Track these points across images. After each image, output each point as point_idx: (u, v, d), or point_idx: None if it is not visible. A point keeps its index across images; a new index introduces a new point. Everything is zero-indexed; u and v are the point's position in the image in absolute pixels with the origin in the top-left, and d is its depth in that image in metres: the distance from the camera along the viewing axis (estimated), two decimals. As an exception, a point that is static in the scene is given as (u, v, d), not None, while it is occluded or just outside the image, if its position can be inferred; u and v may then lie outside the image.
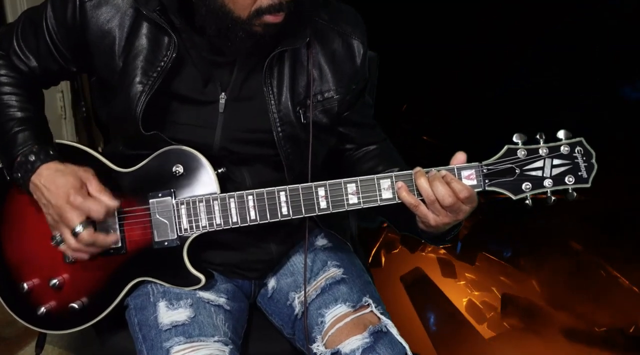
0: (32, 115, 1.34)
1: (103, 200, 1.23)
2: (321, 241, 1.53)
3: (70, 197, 1.21)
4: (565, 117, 2.28)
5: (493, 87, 2.53)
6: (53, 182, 1.23)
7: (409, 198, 1.19)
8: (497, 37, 2.46)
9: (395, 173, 1.22)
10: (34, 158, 1.26)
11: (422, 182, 1.18)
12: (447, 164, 1.21)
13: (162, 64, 1.25)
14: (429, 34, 2.56)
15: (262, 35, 1.21)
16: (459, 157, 1.20)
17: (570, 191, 1.17)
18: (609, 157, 1.30)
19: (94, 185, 1.25)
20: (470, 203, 1.18)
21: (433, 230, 1.24)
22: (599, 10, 2.25)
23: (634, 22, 2.20)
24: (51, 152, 1.29)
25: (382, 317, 1.35)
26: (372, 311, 1.36)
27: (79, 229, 1.21)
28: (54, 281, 1.34)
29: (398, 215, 1.29)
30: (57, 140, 1.39)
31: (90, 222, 1.24)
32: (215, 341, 1.27)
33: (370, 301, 1.37)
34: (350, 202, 1.23)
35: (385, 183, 1.22)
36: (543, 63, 2.40)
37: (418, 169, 1.21)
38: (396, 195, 1.21)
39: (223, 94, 1.32)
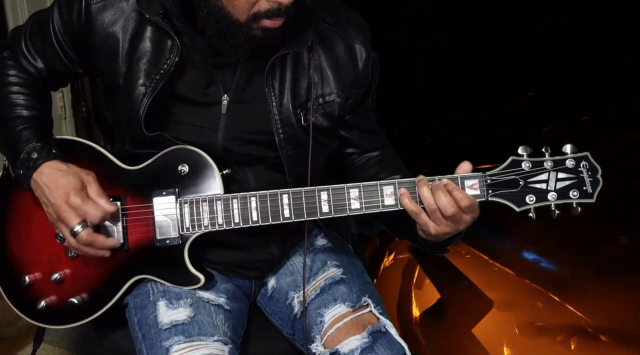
0: (38, 114, 1.32)
1: (101, 204, 1.21)
2: (321, 241, 1.50)
3: (69, 198, 1.19)
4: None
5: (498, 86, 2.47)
6: (54, 181, 1.21)
7: (410, 205, 1.16)
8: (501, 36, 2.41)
9: (399, 180, 1.18)
10: (36, 155, 1.24)
11: (424, 191, 1.14)
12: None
13: (165, 66, 1.23)
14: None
15: (261, 39, 1.18)
16: (464, 167, 1.17)
17: (574, 206, 1.13)
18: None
19: (93, 189, 1.22)
20: (471, 213, 1.14)
21: (433, 239, 1.21)
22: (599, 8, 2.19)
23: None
24: (53, 151, 1.26)
25: (381, 317, 1.32)
26: (371, 311, 1.33)
27: (77, 228, 1.19)
28: (56, 275, 1.32)
29: (398, 221, 1.26)
30: (66, 137, 1.37)
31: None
32: (214, 340, 1.24)
33: (370, 301, 1.34)
34: (353, 207, 1.20)
35: (388, 189, 1.18)
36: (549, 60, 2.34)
37: (421, 177, 1.17)
38: (398, 202, 1.18)
39: (225, 95, 1.29)
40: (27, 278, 1.34)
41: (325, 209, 1.20)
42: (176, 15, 1.21)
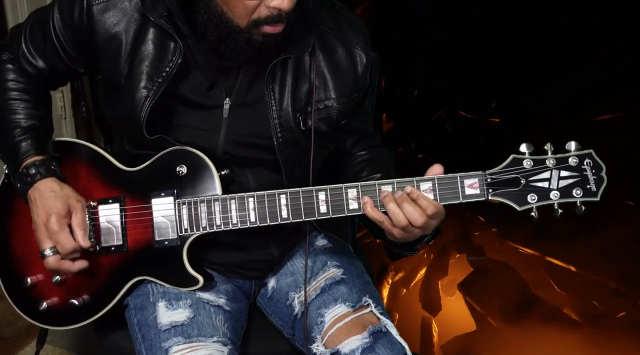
0: (37, 124, 1.29)
1: (77, 236, 1.20)
2: (321, 241, 1.46)
3: (48, 221, 1.19)
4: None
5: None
6: (42, 201, 1.21)
7: (374, 214, 1.13)
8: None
9: (397, 180, 1.14)
10: (34, 171, 1.23)
11: (392, 207, 1.10)
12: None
13: (168, 69, 1.20)
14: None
15: (262, 44, 1.14)
16: (436, 169, 1.13)
17: (578, 204, 1.08)
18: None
19: (77, 218, 1.21)
20: (437, 218, 1.12)
21: (400, 241, 1.18)
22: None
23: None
24: (52, 167, 1.25)
25: (381, 317, 1.29)
26: (371, 311, 1.30)
27: (47, 252, 1.20)
28: (57, 277, 1.28)
29: (369, 220, 1.21)
30: (66, 139, 1.34)
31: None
32: (214, 341, 1.21)
33: (370, 301, 1.31)
34: (351, 207, 1.16)
35: (387, 189, 1.14)
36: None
37: (385, 192, 1.13)
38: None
39: (227, 99, 1.26)
40: (29, 279, 1.31)
41: (323, 209, 1.17)
42: (180, 18, 1.18)
